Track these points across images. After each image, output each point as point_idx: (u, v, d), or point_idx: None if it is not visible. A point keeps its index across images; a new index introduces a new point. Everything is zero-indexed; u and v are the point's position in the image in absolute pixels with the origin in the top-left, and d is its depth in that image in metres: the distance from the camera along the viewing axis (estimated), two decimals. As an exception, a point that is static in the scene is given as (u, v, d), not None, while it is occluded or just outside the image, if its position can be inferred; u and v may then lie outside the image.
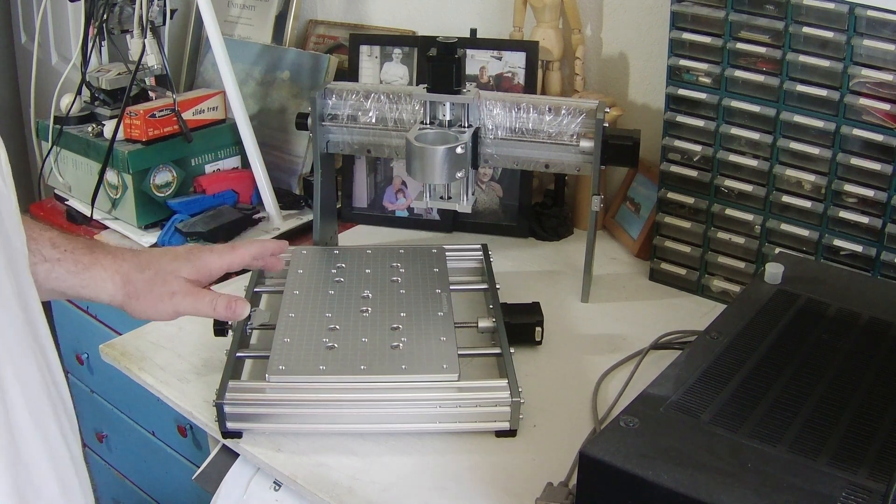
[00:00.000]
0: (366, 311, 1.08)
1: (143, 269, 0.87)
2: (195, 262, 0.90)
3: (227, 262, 0.94)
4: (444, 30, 1.54)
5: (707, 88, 1.18)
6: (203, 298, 0.89)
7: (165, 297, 0.87)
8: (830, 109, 1.09)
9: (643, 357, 1.10)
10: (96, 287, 0.85)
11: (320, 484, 0.90)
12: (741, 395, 0.80)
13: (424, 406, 0.95)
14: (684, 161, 1.24)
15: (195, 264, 0.90)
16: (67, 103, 1.56)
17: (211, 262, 0.92)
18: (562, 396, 1.04)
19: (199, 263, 0.91)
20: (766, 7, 1.10)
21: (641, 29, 1.43)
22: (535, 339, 1.12)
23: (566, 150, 1.20)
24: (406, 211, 1.49)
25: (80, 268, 0.84)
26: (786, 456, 0.72)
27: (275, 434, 0.97)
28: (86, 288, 0.85)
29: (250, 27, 1.77)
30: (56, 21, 2.12)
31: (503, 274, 1.25)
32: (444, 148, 1.11)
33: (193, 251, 0.92)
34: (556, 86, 1.48)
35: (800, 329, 0.91)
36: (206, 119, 1.54)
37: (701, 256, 1.25)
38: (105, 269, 0.85)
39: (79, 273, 0.84)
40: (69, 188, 1.59)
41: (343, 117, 1.26)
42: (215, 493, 1.01)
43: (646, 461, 0.70)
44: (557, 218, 1.45)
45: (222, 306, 0.89)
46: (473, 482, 0.90)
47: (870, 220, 1.09)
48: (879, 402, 0.79)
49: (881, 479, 0.69)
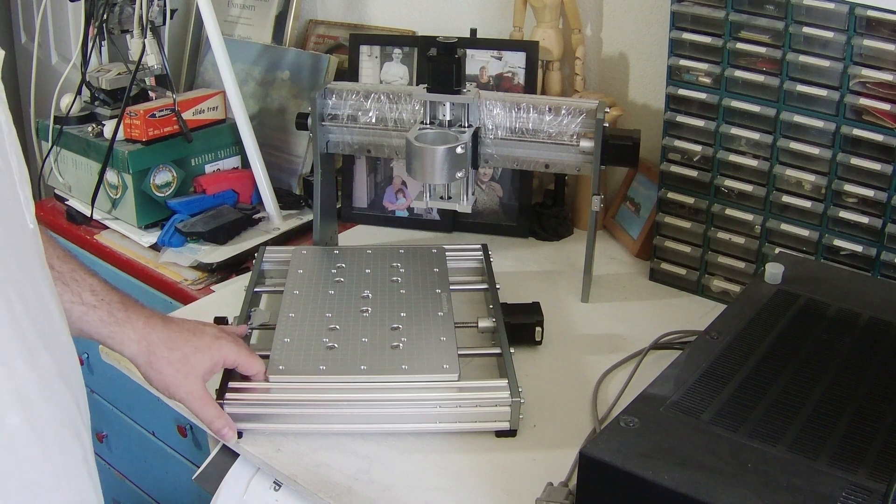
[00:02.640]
0: (366, 311, 1.08)
1: (171, 350, 0.91)
2: (214, 356, 0.94)
3: (241, 363, 0.97)
4: (444, 30, 1.54)
5: (707, 88, 1.18)
6: (207, 410, 0.93)
7: (180, 388, 0.92)
8: (830, 109, 1.09)
9: (643, 357, 1.10)
10: (122, 344, 0.90)
11: (320, 484, 0.90)
12: (741, 395, 0.80)
13: (424, 406, 0.95)
14: (684, 161, 1.24)
15: (214, 358, 0.94)
16: (67, 103, 1.56)
17: (229, 357, 0.96)
18: (562, 396, 1.04)
19: (217, 357, 0.94)
20: (766, 7, 1.10)
21: (641, 29, 1.43)
22: (535, 339, 1.12)
23: (566, 150, 1.20)
24: (406, 211, 1.49)
25: (112, 320, 0.88)
26: (786, 456, 0.72)
27: (275, 434, 0.97)
28: (112, 340, 0.89)
29: (250, 27, 1.77)
30: (56, 21, 2.12)
31: (503, 274, 1.25)
32: (444, 148, 1.11)
33: (217, 342, 0.95)
34: (556, 86, 1.48)
35: (800, 329, 0.91)
36: (206, 119, 1.54)
37: (701, 256, 1.25)
38: (135, 332, 0.90)
39: (110, 325, 0.88)
40: (69, 188, 1.59)
41: (343, 117, 1.26)
42: (215, 493, 1.01)
43: (646, 461, 0.70)
44: (557, 218, 1.45)
45: (217, 427, 0.94)
46: (473, 482, 0.90)
47: (870, 220, 1.09)
48: (879, 402, 0.79)
49: (881, 479, 0.69)
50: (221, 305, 1.20)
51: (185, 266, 1.39)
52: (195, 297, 1.31)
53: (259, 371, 0.98)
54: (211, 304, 1.24)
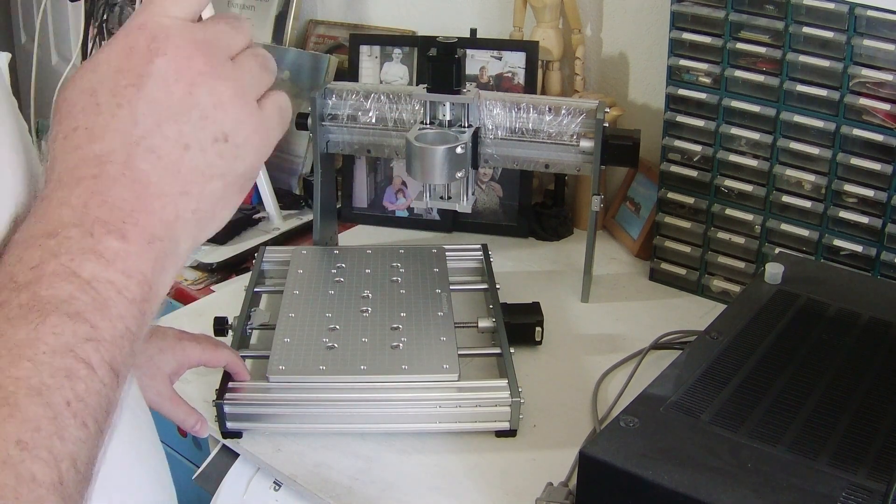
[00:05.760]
0: (366, 311, 1.08)
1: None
2: (178, 356, 0.92)
3: (207, 358, 0.95)
4: (444, 30, 1.54)
5: (707, 88, 1.18)
6: (178, 410, 0.93)
7: (149, 389, 0.89)
8: (830, 109, 1.09)
9: (643, 357, 1.10)
10: None
11: (320, 484, 0.90)
12: (741, 395, 0.80)
13: (424, 406, 0.95)
14: (684, 161, 1.24)
15: (178, 359, 0.93)
16: (67, 103, 1.56)
17: (193, 355, 0.94)
18: (562, 396, 1.04)
19: (181, 357, 0.93)
20: (766, 7, 1.10)
21: (641, 29, 1.43)
22: (535, 339, 1.12)
23: (566, 150, 1.20)
24: (406, 211, 1.49)
25: None
26: (786, 456, 0.72)
27: (275, 434, 0.97)
28: None
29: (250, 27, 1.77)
30: (56, 21, 2.12)
31: (503, 274, 1.25)
32: (444, 148, 1.11)
33: (180, 343, 0.93)
34: (556, 86, 1.48)
35: (800, 329, 0.91)
36: (206, 119, 1.54)
37: (701, 256, 1.25)
38: None
39: None
40: (69, 188, 1.59)
41: (343, 117, 1.26)
42: (215, 494, 1.01)
43: (646, 461, 0.70)
44: (557, 218, 1.45)
45: (189, 425, 0.93)
46: (473, 482, 0.90)
47: (870, 220, 1.09)
48: (879, 402, 0.79)
49: (881, 479, 0.69)
50: (221, 305, 1.20)
51: (185, 266, 1.39)
52: (195, 297, 1.31)
53: (230, 360, 0.96)
54: (211, 304, 1.24)
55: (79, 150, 0.44)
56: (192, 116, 0.45)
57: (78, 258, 0.41)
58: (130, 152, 0.44)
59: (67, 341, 0.40)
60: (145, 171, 0.44)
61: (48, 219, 0.42)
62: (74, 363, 0.40)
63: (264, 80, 0.50)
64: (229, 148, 0.46)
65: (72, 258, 0.41)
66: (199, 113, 0.45)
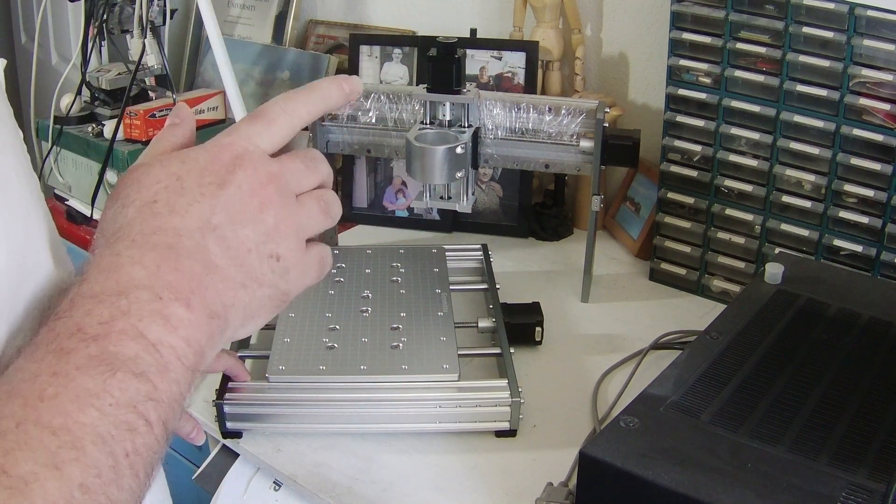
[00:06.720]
0: (366, 311, 1.08)
1: None
2: None
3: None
4: (444, 30, 1.54)
5: (707, 88, 1.18)
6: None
7: None
8: (830, 109, 1.09)
9: (643, 357, 1.10)
10: None
11: (320, 484, 0.90)
12: (741, 395, 0.80)
13: (424, 406, 0.95)
14: (684, 161, 1.24)
15: None
16: (67, 103, 1.56)
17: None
18: (562, 396, 1.04)
19: None
20: (766, 7, 1.10)
21: (641, 29, 1.43)
22: (535, 339, 1.12)
23: (566, 150, 1.20)
24: (406, 211, 1.49)
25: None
26: (786, 456, 0.72)
27: (275, 434, 0.97)
28: None
29: (250, 27, 1.77)
30: (56, 21, 2.12)
31: (503, 274, 1.25)
32: (444, 148, 1.11)
33: None
34: (556, 86, 1.48)
35: (800, 329, 0.91)
36: (206, 119, 1.54)
37: (701, 256, 1.25)
38: None
39: None
40: (69, 188, 1.59)
41: (343, 117, 1.26)
42: (215, 494, 1.01)
43: (646, 461, 0.70)
44: (557, 218, 1.45)
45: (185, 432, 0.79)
46: (473, 482, 0.90)
47: (870, 220, 1.09)
48: (879, 402, 0.79)
49: (881, 479, 0.69)
50: (221, 305, 1.20)
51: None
52: (195, 297, 1.30)
53: (229, 364, 0.95)
54: (211, 304, 1.24)
55: (158, 219, 0.48)
56: (259, 230, 0.51)
57: (146, 319, 0.45)
58: (206, 234, 0.49)
59: (132, 397, 0.43)
60: (216, 254, 0.49)
61: (119, 276, 0.46)
62: (136, 418, 0.43)
63: (320, 224, 0.56)
64: (279, 267, 0.53)
65: (140, 318, 0.45)
66: (264, 229, 0.51)
